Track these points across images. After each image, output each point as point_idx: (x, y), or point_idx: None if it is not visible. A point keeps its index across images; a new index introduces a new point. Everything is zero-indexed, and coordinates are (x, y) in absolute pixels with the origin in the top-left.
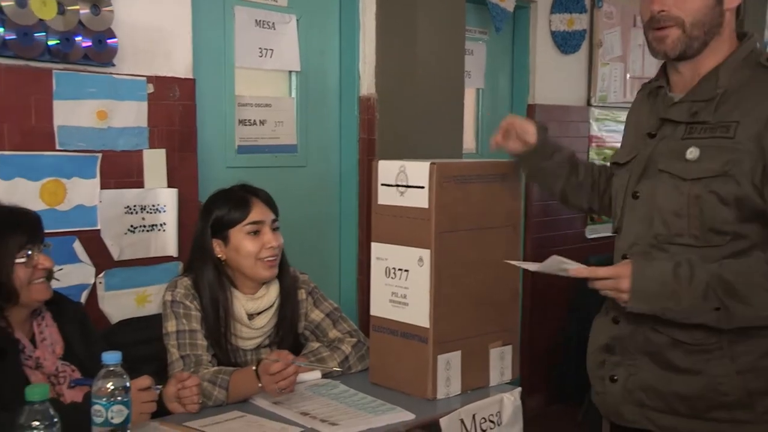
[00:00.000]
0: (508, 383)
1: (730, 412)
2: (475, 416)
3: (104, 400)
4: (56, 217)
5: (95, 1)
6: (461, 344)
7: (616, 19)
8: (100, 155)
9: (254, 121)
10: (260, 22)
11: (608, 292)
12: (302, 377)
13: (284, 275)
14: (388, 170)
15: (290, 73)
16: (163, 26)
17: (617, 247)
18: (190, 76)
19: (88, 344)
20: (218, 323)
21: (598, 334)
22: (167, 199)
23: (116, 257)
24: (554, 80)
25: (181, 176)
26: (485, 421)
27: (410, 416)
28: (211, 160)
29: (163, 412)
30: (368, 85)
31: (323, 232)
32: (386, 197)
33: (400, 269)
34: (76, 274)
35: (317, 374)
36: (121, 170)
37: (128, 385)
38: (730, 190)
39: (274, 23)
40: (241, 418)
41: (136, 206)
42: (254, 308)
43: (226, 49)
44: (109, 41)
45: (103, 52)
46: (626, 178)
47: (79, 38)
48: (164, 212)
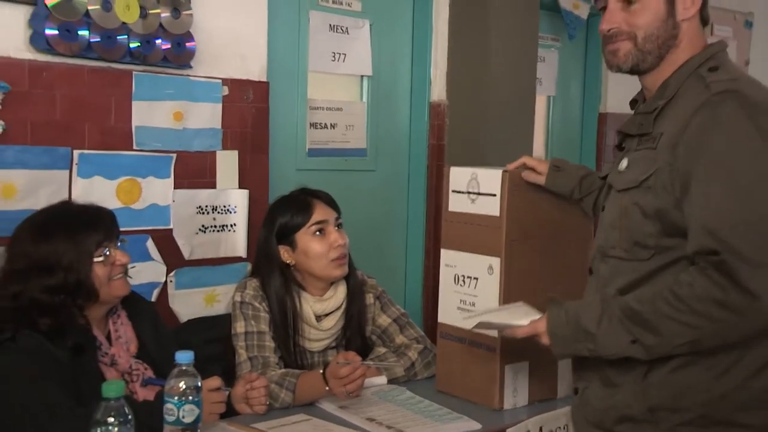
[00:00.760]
0: None
1: (634, 426)
2: (542, 428)
3: (176, 398)
4: (131, 215)
5: (176, 4)
6: (529, 355)
7: None
8: (174, 155)
9: (325, 124)
10: (334, 26)
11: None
12: (368, 382)
13: (351, 276)
14: (459, 177)
15: (362, 77)
16: (239, 30)
17: None
18: (264, 79)
19: (160, 343)
20: (286, 325)
21: None
22: (238, 200)
23: (187, 256)
24: (626, 89)
25: (252, 178)
26: None
27: (477, 426)
28: (282, 162)
29: (230, 412)
30: (439, 91)
31: (390, 236)
32: (457, 204)
33: (469, 277)
34: (148, 272)
35: (383, 380)
36: (194, 171)
37: (200, 384)
38: (650, 201)
39: (347, 28)
40: (307, 421)
41: (207, 206)
42: (322, 309)
43: (299, 53)
44: (187, 44)
45: (181, 54)
46: (602, 192)
47: (159, 41)
48: (235, 213)
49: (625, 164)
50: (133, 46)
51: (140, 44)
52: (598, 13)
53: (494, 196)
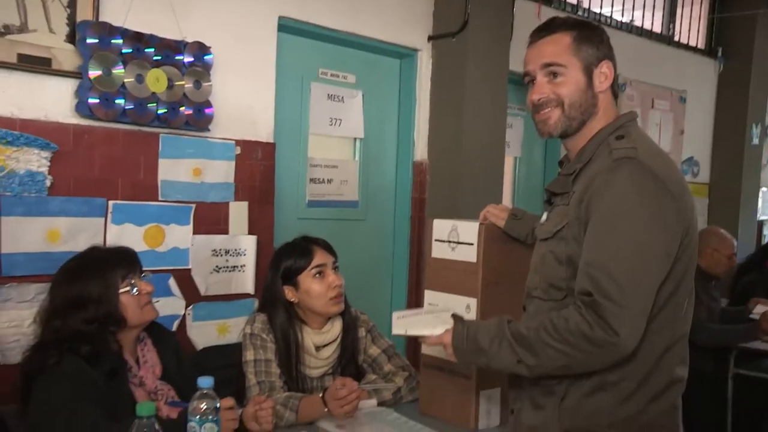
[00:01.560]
0: None
1: None
2: None
3: (198, 418)
4: (155, 257)
5: (198, 77)
6: (501, 381)
7: (636, 101)
8: (194, 206)
9: (323, 179)
10: (332, 96)
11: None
12: (361, 405)
13: (346, 312)
14: (441, 228)
15: (355, 139)
16: (251, 99)
17: None
18: (271, 140)
19: (180, 368)
20: (289, 355)
21: None
22: (248, 244)
23: (203, 293)
24: None
25: (260, 225)
26: None
27: None
28: (285, 211)
29: (242, 430)
30: (421, 151)
31: (378, 277)
32: (439, 251)
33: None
34: (169, 306)
35: (374, 402)
36: (210, 219)
37: (218, 406)
38: (562, 249)
39: (343, 97)
40: None
41: (221, 249)
42: (321, 341)
43: (302, 118)
44: (206, 110)
45: (201, 119)
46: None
47: (182, 108)
48: (245, 255)
49: (545, 218)
50: (160, 112)
51: (167, 110)
52: None
53: (472, 245)
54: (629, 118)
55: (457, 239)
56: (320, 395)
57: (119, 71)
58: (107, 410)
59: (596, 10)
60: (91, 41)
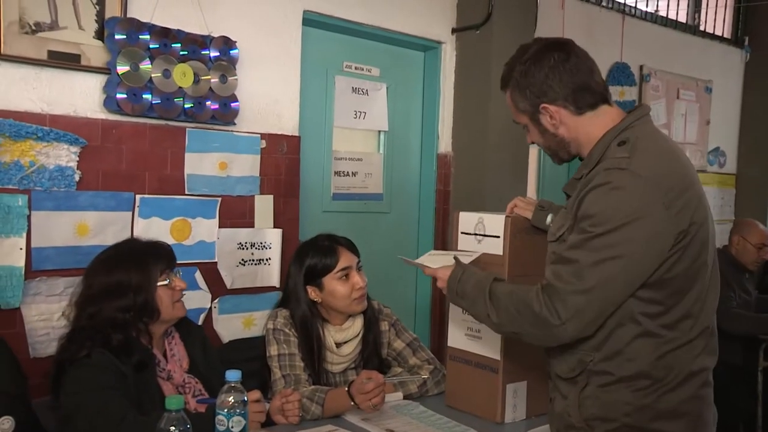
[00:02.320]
0: None
1: None
2: None
3: (226, 411)
4: (182, 250)
5: (223, 71)
6: (527, 375)
7: (661, 91)
8: (219, 199)
9: (347, 172)
10: (356, 89)
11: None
12: (387, 398)
13: (368, 308)
14: (468, 221)
15: (379, 132)
16: (276, 92)
17: None
18: (296, 134)
19: (207, 361)
20: (311, 351)
21: None
22: (273, 237)
23: (229, 286)
24: None
25: (285, 218)
26: None
27: None
28: (310, 204)
29: (268, 422)
30: (446, 144)
31: (403, 269)
32: (465, 244)
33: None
34: (196, 299)
35: (399, 396)
36: (236, 212)
37: (246, 399)
38: (563, 250)
39: (367, 90)
40: (334, 431)
41: (246, 243)
42: (342, 338)
43: (326, 111)
44: (232, 104)
45: (227, 113)
46: None
47: (209, 102)
48: (270, 249)
49: (549, 219)
50: (187, 106)
51: (193, 105)
52: None
53: (498, 237)
54: (638, 115)
55: (483, 232)
56: (346, 389)
57: (146, 66)
58: (135, 403)
59: (620, 0)
60: (119, 37)
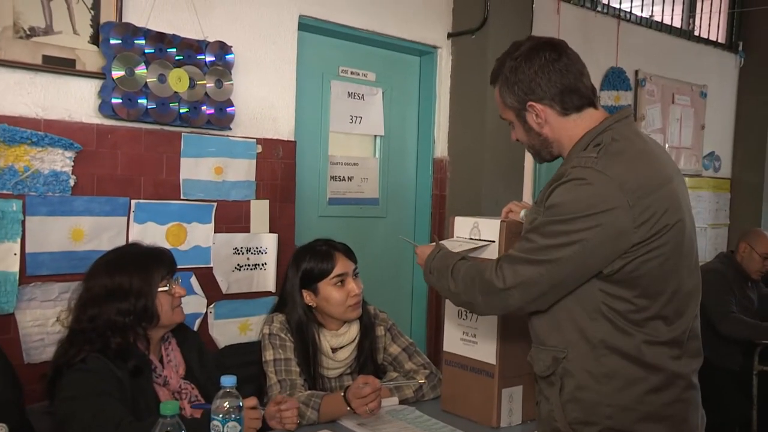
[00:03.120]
0: None
1: None
2: None
3: (221, 416)
4: (177, 255)
5: (219, 76)
6: (523, 379)
7: (657, 96)
8: (215, 204)
9: (343, 177)
10: (352, 93)
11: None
12: (383, 403)
13: (364, 313)
14: (463, 225)
15: (375, 137)
16: (272, 97)
17: None
18: (292, 138)
19: (204, 367)
20: (307, 357)
21: None
22: (269, 242)
23: (224, 291)
24: None
25: (280, 223)
26: None
27: None
28: (306, 209)
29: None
30: (442, 148)
31: (399, 274)
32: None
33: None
34: (191, 304)
35: (395, 400)
36: (231, 217)
37: (241, 405)
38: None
39: (363, 95)
40: None
41: (242, 248)
42: (337, 343)
43: (322, 116)
44: (228, 109)
45: (223, 118)
46: None
47: (204, 107)
48: (266, 254)
49: (522, 215)
50: (182, 111)
51: (188, 110)
52: None
53: (493, 242)
54: (618, 117)
55: (478, 236)
56: (342, 394)
57: (142, 71)
58: (131, 409)
59: (615, 5)
60: (114, 42)
